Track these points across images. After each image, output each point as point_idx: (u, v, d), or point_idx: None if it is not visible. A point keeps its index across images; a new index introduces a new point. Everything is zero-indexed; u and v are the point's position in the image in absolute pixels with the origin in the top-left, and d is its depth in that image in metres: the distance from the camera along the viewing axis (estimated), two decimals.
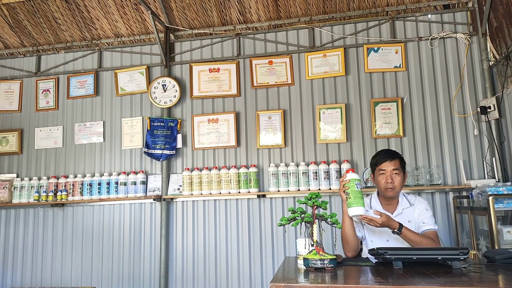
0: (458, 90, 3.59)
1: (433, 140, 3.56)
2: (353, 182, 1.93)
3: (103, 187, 3.88)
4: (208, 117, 3.93)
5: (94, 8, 4.04)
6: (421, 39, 3.70)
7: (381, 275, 1.58)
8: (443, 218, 3.43)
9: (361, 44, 3.79)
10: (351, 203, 1.91)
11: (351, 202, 1.92)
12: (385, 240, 2.17)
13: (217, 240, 3.76)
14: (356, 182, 1.93)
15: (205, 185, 3.71)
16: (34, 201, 3.94)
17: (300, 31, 3.94)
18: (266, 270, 3.64)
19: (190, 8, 3.97)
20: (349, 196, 1.93)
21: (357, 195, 1.91)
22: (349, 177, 1.95)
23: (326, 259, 1.63)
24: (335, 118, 3.70)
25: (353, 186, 1.92)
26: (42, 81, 4.31)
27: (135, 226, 3.91)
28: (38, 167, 4.17)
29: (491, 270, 1.65)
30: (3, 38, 4.39)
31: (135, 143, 4.02)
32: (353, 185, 1.92)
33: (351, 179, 1.94)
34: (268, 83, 3.89)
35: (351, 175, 1.96)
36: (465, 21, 3.67)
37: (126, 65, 4.20)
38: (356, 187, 1.92)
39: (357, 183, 1.94)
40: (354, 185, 1.92)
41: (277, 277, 1.58)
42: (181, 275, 3.76)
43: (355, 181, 1.93)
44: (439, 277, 1.48)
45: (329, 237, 3.28)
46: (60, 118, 4.23)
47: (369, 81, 3.74)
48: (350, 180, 1.94)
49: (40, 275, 3.98)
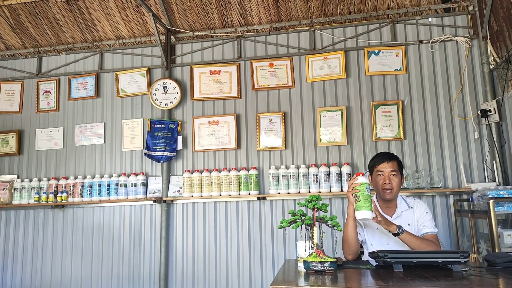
0: (459, 93, 3.59)
1: (433, 143, 3.56)
2: (364, 186, 1.93)
3: (103, 188, 3.88)
4: (209, 119, 3.93)
5: (95, 9, 4.05)
6: (422, 42, 3.71)
7: (382, 278, 1.58)
8: (443, 221, 3.43)
9: (361, 47, 3.79)
10: (361, 206, 1.91)
11: (360, 205, 1.91)
12: (385, 244, 2.17)
13: (217, 242, 3.76)
14: (367, 186, 1.94)
15: (205, 187, 3.71)
16: (34, 202, 3.93)
17: (301, 33, 3.95)
18: (266, 273, 3.63)
19: (191, 10, 3.98)
20: (359, 199, 1.92)
21: (367, 199, 1.91)
22: (360, 180, 1.95)
23: (327, 262, 1.63)
24: (336, 121, 3.70)
25: (364, 190, 1.92)
26: (43, 82, 4.31)
27: (135, 227, 3.90)
28: (39, 168, 4.18)
29: (492, 274, 1.65)
30: (4, 39, 4.40)
31: (136, 145, 4.02)
32: (364, 188, 1.92)
33: (363, 182, 1.94)
34: (269, 86, 3.89)
35: (362, 178, 1.96)
36: (465, 24, 3.68)
37: (127, 66, 4.21)
38: (367, 191, 1.93)
39: (367, 187, 1.94)
40: (364, 188, 1.92)
41: (277, 279, 1.58)
42: (181, 277, 3.75)
43: (366, 185, 1.94)
44: (439, 280, 1.48)
45: (329, 240, 3.27)
46: (60, 119, 4.24)
47: (370, 84, 3.74)
48: (361, 183, 1.94)
49: (40, 276, 3.98)
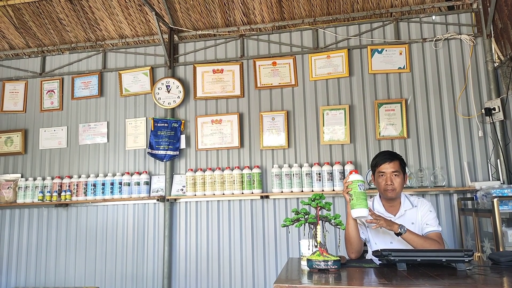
0: (463, 92, 3.57)
1: (437, 141, 3.55)
2: (356, 184, 1.91)
3: (106, 187, 3.90)
4: (212, 118, 3.93)
5: (98, 9, 4.06)
6: (425, 41, 3.69)
7: (385, 276, 1.58)
8: (447, 220, 3.42)
9: (365, 45, 3.78)
10: (354, 204, 1.90)
11: (354, 204, 1.90)
12: (389, 242, 2.16)
13: (220, 241, 3.76)
14: (359, 183, 1.92)
15: (208, 186, 3.71)
16: (38, 201, 3.96)
17: (304, 32, 3.94)
18: (269, 271, 3.64)
19: (194, 9, 3.98)
20: (352, 198, 1.91)
21: (359, 197, 1.89)
22: (352, 178, 1.94)
23: (330, 261, 1.62)
24: (339, 119, 3.70)
25: (356, 188, 1.90)
26: (46, 81, 4.33)
27: (139, 226, 3.92)
28: (43, 167, 4.19)
29: (496, 273, 1.64)
30: (8, 39, 4.42)
31: (139, 144, 4.03)
32: (356, 186, 1.91)
33: (354, 180, 1.92)
34: (272, 84, 3.89)
35: (354, 176, 1.94)
36: (469, 22, 3.66)
37: (130, 66, 4.22)
38: (359, 188, 1.90)
39: (360, 184, 1.92)
40: (356, 186, 1.91)
41: (281, 278, 1.57)
42: (184, 276, 3.76)
43: (358, 182, 1.91)
44: (443, 279, 1.48)
45: (332, 239, 3.26)
46: (64, 118, 4.25)
47: (373, 82, 3.73)
48: (352, 181, 1.92)
49: (44, 274, 4.00)
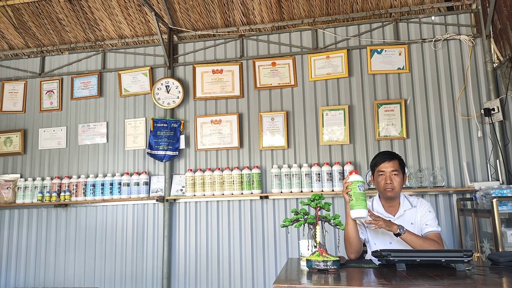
0: (462, 92, 3.58)
1: (436, 142, 3.55)
2: (355, 184, 1.91)
3: (106, 187, 3.89)
4: (211, 118, 3.93)
5: (98, 9, 4.06)
6: (425, 41, 3.69)
7: (385, 277, 1.58)
8: (446, 220, 3.42)
9: (364, 45, 3.79)
10: (353, 205, 1.90)
11: (353, 204, 1.90)
12: (388, 243, 2.16)
13: (220, 241, 3.76)
14: (359, 184, 1.91)
15: (208, 186, 3.71)
16: (37, 201, 3.95)
17: (303, 32, 3.94)
18: (269, 272, 3.63)
19: (193, 10, 3.98)
20: (352, 198, 1.91)
21: (359, 197, 1.89)
22: (351, 179, 1.94)
23: (329, 261, 1.62)
24: (338, 120, 3.70)
25: (355, 188, 1.90)
26: (46, 82, 4.32)
27: (138, 226, 3.91)
28: (42, 167, 4.19)
29: (495, 273, 1.64)
30: (7, 39, 4.42)
31: (138, 144, 4.03)
32: (355, 187, 1.91)
33: (354, 180, 1.92)
34: (271, 85, 3.89)
35: (353, 177, 1.94)
36: (468, 23, 3.67)
37: (130, 66, 4.21)
38: (358, 189, 1.90)
39: (360, 185, 1.92)
40: (356, 187, 1.90)
41: (280, 278, 1.57)
42: (184, 276, 3.76)
43: (357, 183, 1.91)
44: (442, 279, 1.48)
45: (332, 239, 3.26)
46: (63, 118, 4.25)
47: (372, 83, 3.73)
48: (352, 182, 1.92)
49: (43, 275, 3.99)
